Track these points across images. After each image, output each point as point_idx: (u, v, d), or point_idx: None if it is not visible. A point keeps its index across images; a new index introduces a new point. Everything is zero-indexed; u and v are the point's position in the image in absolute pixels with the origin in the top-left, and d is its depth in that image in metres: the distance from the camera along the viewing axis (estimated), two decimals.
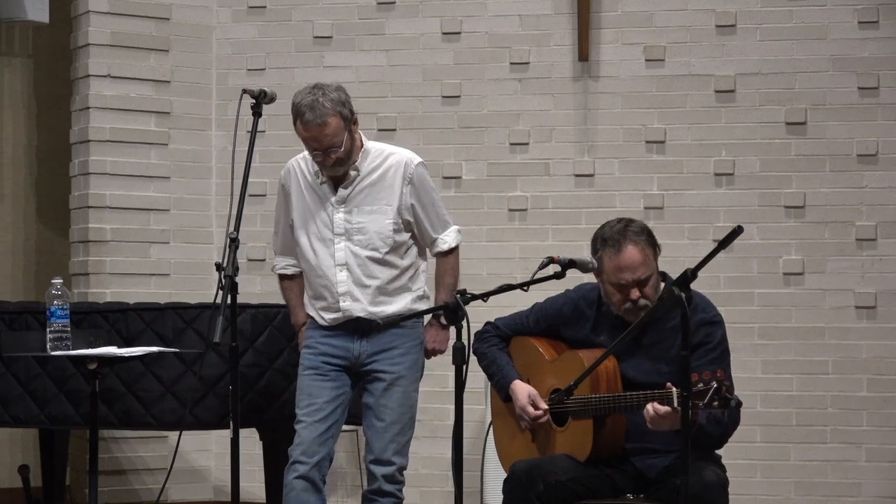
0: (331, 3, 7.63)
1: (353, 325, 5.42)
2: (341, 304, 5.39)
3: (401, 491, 5.43)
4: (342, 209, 5.39)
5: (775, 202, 7.21)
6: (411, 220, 5.45)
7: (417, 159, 5.48)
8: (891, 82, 7.14)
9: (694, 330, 4.72)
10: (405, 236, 5.45)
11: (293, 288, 5.57)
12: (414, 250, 5.50)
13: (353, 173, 5.38)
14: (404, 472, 5.45)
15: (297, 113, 5.27)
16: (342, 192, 5.39)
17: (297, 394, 5.45)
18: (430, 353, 5.55)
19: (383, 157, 5.44)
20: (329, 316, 5.44)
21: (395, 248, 5.42)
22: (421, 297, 5.50)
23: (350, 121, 5.31)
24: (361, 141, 5.44)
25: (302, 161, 5.46)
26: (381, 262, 5.40)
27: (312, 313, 5.50)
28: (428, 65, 7.53)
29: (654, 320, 4.84)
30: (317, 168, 5.41)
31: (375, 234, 5.38)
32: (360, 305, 5.39)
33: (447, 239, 5.52)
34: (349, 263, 5.38)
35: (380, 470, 5.39)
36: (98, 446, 5.84)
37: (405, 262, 5.46)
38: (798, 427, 7.14)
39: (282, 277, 5.63)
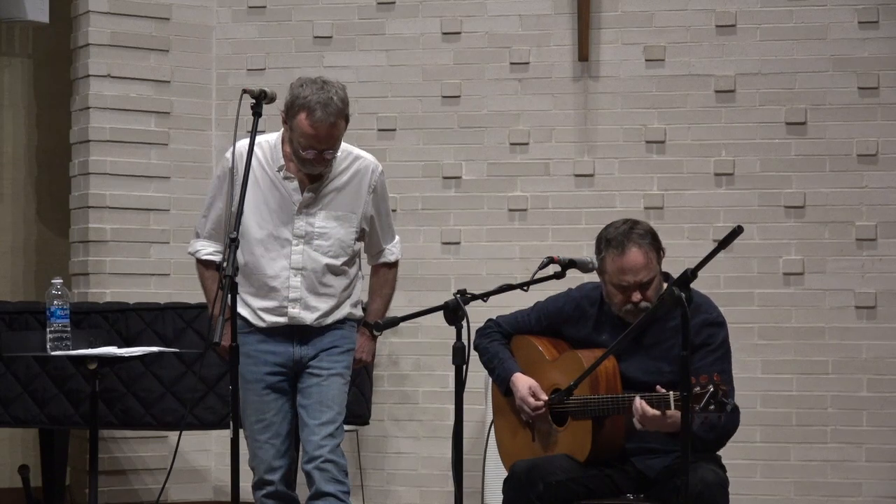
0: (331, 3, 7.62)
1: (291, 329, 5.15)
2: (290, 310, 5.11)
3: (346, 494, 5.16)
4: (306, 211, 5.13)
5: (775, 202, 7.21)
6: (367, 228, 5.26)
7: (380, 167, 5.27)
8: (891, 82, 7.14)
9: (697, 330, 4.72)
10: (359, 245, 5.26)
11: (217, 278, 5.06)
12: (358, 259, 5.29)
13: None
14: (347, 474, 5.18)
15: (307, 108, 4.96)
16: (308, 193, 5.13)
17: (242, 404, 5.07)
18: (356, 362, 5.31)
19: (350, 159, 5.20)
20: (271, 318, 5.13)
21: (351, 258, 5.21)
22: (356, 303, 5.28)
23: (348, 123, 5.13)
24: None
25: (258, 148, 5.07)
26: (337, 272, 5.17)
27: (246, 312, 5.12)
28: (428, 65, 7.53)
29: (656, 320, 4.84)
30: (281, 162, 5.13)
31: (338, 242, 5.15)
32: (311, 316, 5.12)
33: (395, 250, 5.36)
34: (306, 268, 5.12)
35: (317, 472, 5.09)
36: (98, 446, 5.86)
37: (353, 271, 5.25)
38: (798, 427, 7.13)
39: (206, 264, 5.26)
